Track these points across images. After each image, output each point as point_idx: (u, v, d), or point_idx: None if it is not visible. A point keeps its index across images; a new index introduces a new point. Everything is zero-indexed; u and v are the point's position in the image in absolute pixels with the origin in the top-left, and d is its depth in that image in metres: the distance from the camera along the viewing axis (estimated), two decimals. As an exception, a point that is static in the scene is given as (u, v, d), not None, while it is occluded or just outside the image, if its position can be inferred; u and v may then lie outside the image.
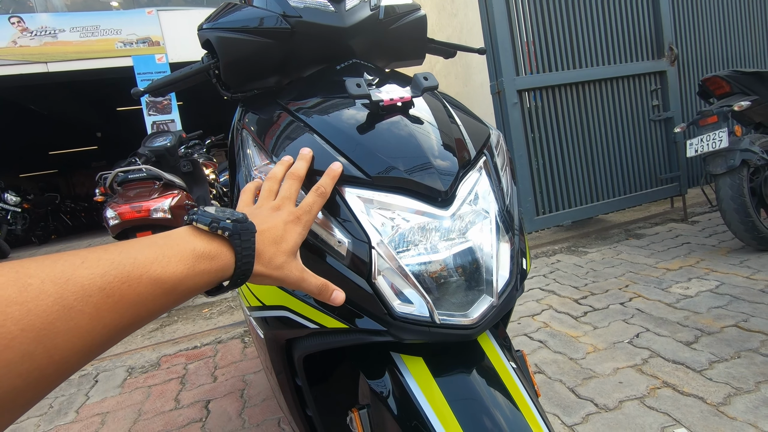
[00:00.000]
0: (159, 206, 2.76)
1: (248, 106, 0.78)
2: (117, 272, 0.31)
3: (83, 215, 12.45)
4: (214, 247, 0.39)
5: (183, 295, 0.36)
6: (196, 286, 0.37)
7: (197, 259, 0.37)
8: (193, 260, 0.37)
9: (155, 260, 0.34)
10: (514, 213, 0.64)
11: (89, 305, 0.28)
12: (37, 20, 7.21)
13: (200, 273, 0.37)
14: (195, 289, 0.37)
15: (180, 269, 0.35)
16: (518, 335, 1.82)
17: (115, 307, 0.30)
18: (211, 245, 0.39)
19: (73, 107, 10.71)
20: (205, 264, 0.38)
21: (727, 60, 3.80)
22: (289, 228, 0.47)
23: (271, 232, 0.46)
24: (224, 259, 0.40)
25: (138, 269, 0.32)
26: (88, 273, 0.30)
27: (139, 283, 0.32)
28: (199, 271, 0.37)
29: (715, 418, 1.17)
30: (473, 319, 0.53)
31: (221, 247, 0.40)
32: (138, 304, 0.32)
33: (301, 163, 0.55)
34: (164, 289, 0.34)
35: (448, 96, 0.77)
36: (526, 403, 0.52)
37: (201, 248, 0.38)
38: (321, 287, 0.48)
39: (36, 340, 0.25)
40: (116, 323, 0.31)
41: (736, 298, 1.84)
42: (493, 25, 2.82)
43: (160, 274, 0.34)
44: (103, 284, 0.30)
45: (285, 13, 0.74)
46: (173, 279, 0.35)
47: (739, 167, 2.22)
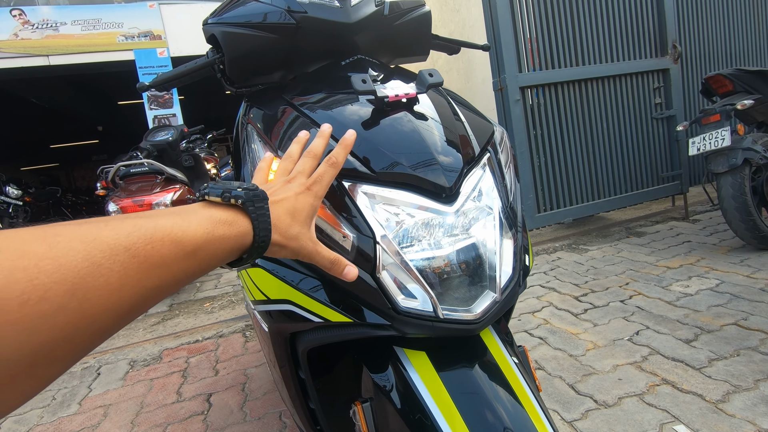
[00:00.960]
0: (161, 200, 2.77)
1: (253, 101, 0.78)
2: (140, 233, 0.31)
3: (84, 209, 12.45)
4: (230, 214, 0.40)
5: (205, 260, 0.37)
6: (217, 251, 0.38)
7: (216, 224, 0.38)
8: (212, 225, 0.37)
9: (175, 224, 0.35)
10: (517, 210, 0.64)
11: (117, 263, 0.29)
12: (38, 13, 7.19)
13: (220, 238, 0.38)
14: (216, 255, 0.38)
15: (200, 232, 0.36)
16: (519, 331, 1.83)
17: (141, 268, 0.31)
18: (227, 213, 0.40)
19: (75, 101, 10.69)
20: (224, 229, 0.38)
21: (730, 58, 3.79)
22: (301, 199, 0.47)
23: (284, 203, 0.46)
24: (242, 225, 0.40)
25: (160, 231, 0.33)
26: (114, 233, 0.30)
27: (162, 245, 0.33)
28: (219, 236, 0.38)
29: (714, 415, 1.18)
30: (476, 314, 0.53)
31: (237, 215, 0.40)
32: (162, 266, 0.32)
33: (319, 140, 0.53)
34: (186, 252, 0.34)
35: (452, 92, 0.77)
36: (527, 397, 0.53)
37: (218, 215, 0.39)
38: (334, 261, 0.48)
39: (69, 293, 0.26)
40: (143, 284, 0.31)
41: (736, 297, 1.85)
42: (497, 22, 2.81)
43: (181, 237, 0.34)
44: (128, 244, 0.30)
45: (290, 8, 0.74)
46: (194, 241, 0.35)
47: (741, 166, 2.22)
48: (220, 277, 3.43)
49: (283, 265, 0.63)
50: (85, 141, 14.21)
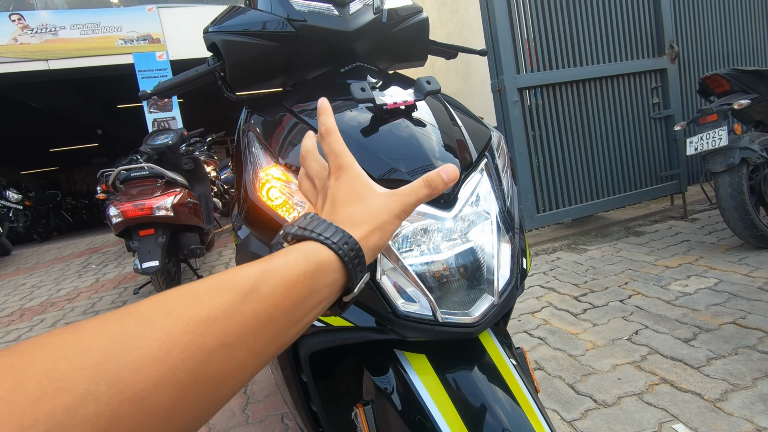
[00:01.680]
0: (161, 204, 2.77)
1: (254, 108, 0.79)
2: (183, 292, 0.29)
3: (84, 212, 12.46)
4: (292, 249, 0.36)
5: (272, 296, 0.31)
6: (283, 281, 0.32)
7: (270, 258, 0.34)
8: (266, 260, 0.34)
9: (225, 274, 0.32)
10: (514, 213, 0.65)
11: (156, 330, 0.26)
12: (37, 17, 7.21)
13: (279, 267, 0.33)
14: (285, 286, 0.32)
15: (253, 271, 0.32)
16: (518, 332, 1.84)
17: (188, 327, 0.27)
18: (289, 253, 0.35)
19: (74, 104, 10.71)
20: (282, 257, 0.34)
21: (728, 57, 3.80)
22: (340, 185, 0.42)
23: (334, 203, 0.41)
24: (305, 246, 0.36)
25: (206, 284, 0.30)
26: (151, 302, 0.28)
27: (212, 296, 0.29)
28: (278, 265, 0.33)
29: (712, 414, 1.19)
30: (475, 317, 0.54)
31: (302, 246, 0.36)
32: (218, 317, 0.28)
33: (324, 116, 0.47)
34: (241, 294, 0.30)
35: (450, 98, 0.78)
36: (526, 399, 0.54)
37: (276, 252, 0.35)
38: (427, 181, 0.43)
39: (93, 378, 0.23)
40: (199, 343, 0.27)
41: (734, 296, 1.86)
42: (494, 23, 2.82)
43: (232, 282, 0.31)
44: (169, 307, 0.27)
45: (289, 16, 0.75)
46: (247, 280, 0.31)
47: (738, 165, 2.23)
48: (220, 279, 3.44)
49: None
50: (84, 144, 14.22)
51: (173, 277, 3.14)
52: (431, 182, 0.43)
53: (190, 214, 3.05)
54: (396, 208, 0.41)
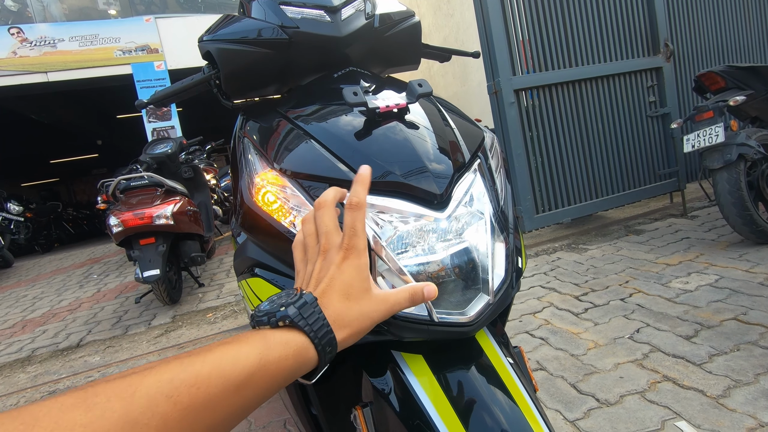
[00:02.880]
0: (161, 213, 2.78)
1: (249, 115, 0.80)
2: (185, 375, 0.30)
3: (85, 223, 12.48)
4: (284, 334, 0.37)
5: (258, 389, 0.34)
6: (274, 376, 0.35)
7: (268, 347, 0.35)
8: (264, 350, 0.35)
9: (224, 355, 0.33)
10: (508, 213, 0.66)
11: (156, 416, 0.27)
12: (36, 30, 7.26)
13: (274, 361, 0.35)
14: (274, 379, 0.35)
15: (251, 361, 0.34)
16: (519, 333, 1.84)
17: (183, 414, 0.28)
18: (282, 333, 0.37)
19: (74, 116, 10.76)
20: (279, 350, 0.36)
21: (723, 54, 3.82)
22: (345, 268, 0.42)
23: (332, 288, 0.41)
24: (299, 341, 0.37)
25: (207, 367, 0.31)
26: (155, 380, 0.29)
27: (209, 384, 0.30)
28: (273, 359, 0.35)
29: (715, 411, 1.19)
30: (470, 317, 0.55)
31: (291, 333, 0.38)
32: (209, 405, 0.30)
33: (360, 188, 0.46)
34: (235, 385, 0.32)
35: (443, 100, 0.79)
36: (522, 397, 0.54)
37: (272, 336, 0.36)
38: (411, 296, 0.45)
39: None
40: (188, 428, 0.29)
41: (735, 292, 1.86)
42: (489, 26, 2.84)
43: (230, 371, 0.32)
44: (170, 390, 0.28)
45: (283, 24, 0.76)
46: (243, 372, 0.33)
47: (736, 161, 2.23)
48: (222, 287, 3.44)
49: (282, 275, 0.64)
50: (84, 155, 14.28)
51: (174, 285, 3.14)
52: (414, 296, 0.45)
53: (190, 222, 3.05)
54: (380, 316, 0.43)
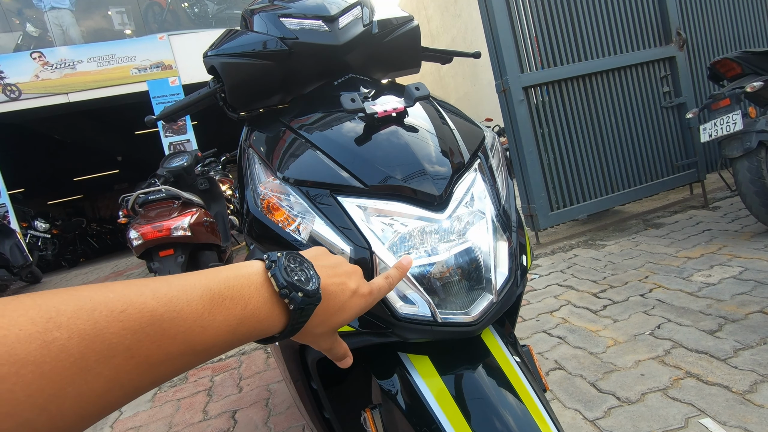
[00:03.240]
0: (179, 225, 2.85)
1: (254, 126, 0.82)
2: (152, 330, 0.28)
3: (109, 237, 12.85)
4: (268, 309, 0.36)
5: (216, 354, 0.34)
6: (230, 347, 0.34)
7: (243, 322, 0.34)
8: (238, 323, 0.34)
9: (199, 317, 0.31)
10: (510, 212, 0.66)
11: (109, 367, 0.25)
12: (56, 54, 7.55)
13: (240, 337, 0.34)
14: (228, 348, 0.34)
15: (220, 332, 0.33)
16: (537, 332, 1.81)
17: (137, 369, 0.27)
18: (267, 306, 0.36)
19: (94, 134, 11.12)
20: (250, 326, 0.35)
21: (737, 41, 3.71)
22: (357, 299, 0.44)
23: (336, 298, 0.42)
24: (274, 323, 0.37)
25: (176, 327, 0.29)
26: (121, 328, 0.27)
27: (171, 343, 0.29)
28: (240, 335, 0.34)
29: (741, 407, 1.15)
30: (474, 316, 0.55)
31: (276, 310, 0.37)
32: (165, 362, 0.29)
33: (395, 272, 0.50)
34: (195, 350, 0.31)
35: (442, 101, 0.79)
36: (530, 397, 0.54)
37: (254, 307, 0.35)
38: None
39: (41, 407, 0.22)
40: (135, 384, 0.28)
41: (760, 283, 1.80)
42: (494, 24, 2.83)
43: (197, 338, 0.31)
44: (131, 344, 0.27)
45: (283, 35, 0.78)
46: (209, 341, 0.32)
47: (756, 149, 2.17)
48: (240, 295, 3.49)
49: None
50: (106, 171, 14.72)
51: (194, 295, 3.20)
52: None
53: (207, 232, 3.12)
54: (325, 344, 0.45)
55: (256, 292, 0.36)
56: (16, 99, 7.35)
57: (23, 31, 7.76)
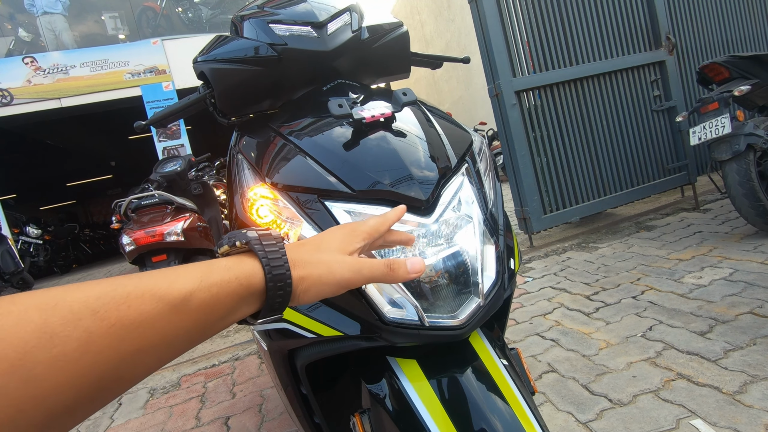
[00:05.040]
0: (172, 230, 2.84)
1: (243, 131, 0.82)
2: (115, 293, 0.28)
3: (102, 243, 12.75)
4: (233, 258, 0.36)
5: (200, 312, 0.32)
6: (213, 299, 0.32)
7: (210, 271, 0.33)
8: (206, 272, 0.33)
9: (162, 277, 0.31)
10: (498, 216, 0.66)
11: (78, 329, 0.25)
12: (49, 59, 7.51)
13: (216, 284, 0.33)
14: (215, 303, 0.33)
15: (189, 281, 0.32)
16: (530, 335, 1.82)
17: (112, 330, 0.26)
18: (230, 259, 0.36)
19: (87, 139, 11.06)
20: (220, 273, 0.33)
21: (726, 45, 3.76)
22: (333, 232, 0.43)
23: (309, 242, 0.41)
24: (246, 266, 0.35)
25: (140, 287, 0.29)
26: (81, 296, 0.26)
27: (141, 302, 0.28)
28: (215, 282, 0.33)
29: (732, 407, 1.16)
30: (461, 320, 0.55)
31: (243, 256, 0.36)
32: (142, 324, 0.28)
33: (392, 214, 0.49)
34: (171, 304, 0.30)
35: (430, 106, 0.80)
36: (516, 400, 0.54)
37: (217, 262, 0.35)
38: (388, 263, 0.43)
39: (8, 372, 0.22)
40: (115, 347, 0.27)
41: (750, 285, 1.81)
42: (486, 28, 2.85)
43: (165, 290, 0.30)
44: (97, 306, 0.26)
45: (272, 41, 0.79)
46: (181, 291, 0.31)
47: (745, 152, 2.20)
48: (234, 300, 3.47)
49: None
50: (99, 177, 14.62)
51: (188, 300, 3.18)
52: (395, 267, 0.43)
53: (201, 237, 3.10)
54: (344, 274, 0.40)
55: (207, 264, 0.35)
56: (8, 104, 7.30)
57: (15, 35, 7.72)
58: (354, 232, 0.44)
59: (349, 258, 0.41)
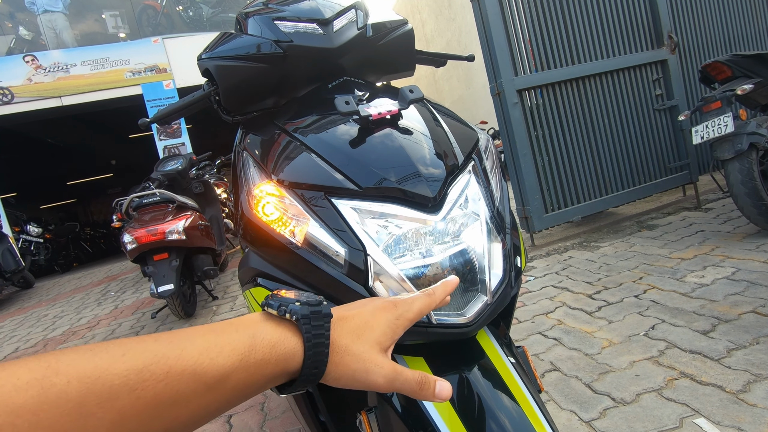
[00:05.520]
0: (173, 228, 2.83)
1: (248, 129, 0.82)
2: (156, 368, 0.27)
3: (102, 242, 12.74)
4: (278, 333, 0.35)
5: (234, 391, 0.32)
6: (250, 379, 0.32)
7: (253, 348, 0.33)
8: (248, 349, 0.32)
9: (205, 350, 0.31)
10: (505, 214, 0.66)
11: (112, 411, 0.25)
12: (49, 57, 7.50)
13: (255, 364, 0.33)
14: (250, 384, 0.33)
15: (231, 360, 0.31)
16: (533, 334, 1.82)
17: (144, 410, 0.26)
18: (276, 331, 0.35)
19: (88, 137, 11.06)
20: (263, 352, 0.33)
21: (728, 44, 3.76)
22: (379, 313, 0.40)
23: (354, 319, 0.39)
24: (289, 346, 0.34)
25: (182, 362, 0.29)
26: (124, 369, 0.26)
27: (180, 380, 0.28)
28: (255, 362, 0.32)
29: (735, 406, 1.16)
30: (469, 317, 0.55)
31: (287, 332, 0.35)
32: (176, 403, 0.28)
33: (440, 288, 0.48)
34: (207, 384, 0.30)
35: (436, 104, 0.79)
36: (525, 398, 0.54)
37: (262, 335, 0.34)
38: (420, 381, 0.40)
39: None
40: (145, 425, 0.26)
41: (753, 284, 1.81)
42: (488, 27, 2.85)
43: (205, 368, 0.30)
44: (136, 383, 0.26)
45: (277, 38, 0.78)
46: (220, 371, 0.30)
47: (747, 151, 2.19)
48: (235, 299, 3.48)
49: (284, 284, 0.65)
50: (99, 176, 14.62)
51: (189, 299, 3.18)
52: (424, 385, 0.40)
53: (202, 236, 3.10)
54: (378, 377, 0.38)
55: (261, 323, 0.35)
56: (9, 102, 7.29)
57: (16, 34, 7.71)
58: (399, 319, 0.42)
59: (387, 363, 0.39)
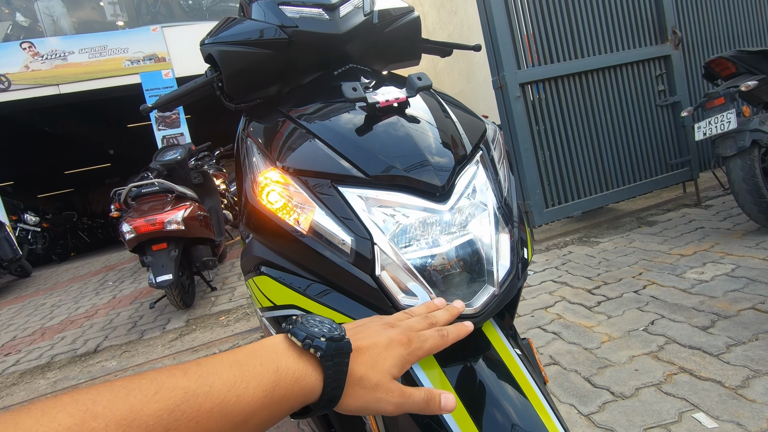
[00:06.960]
0: (172, 218, 2.82)
1: (252, 116, 0.81)
2: (188, 406, 0.29)
3: (100, 231, 12.70)
4: (301, 367, 0.36)
5: (257, 428, 0.33)
6: (272, 415, 0.34)
7: (277, 384, 0.34)
8: (273, 386, 0.34)
9: (232, 386, 0.32)
10: (512, 204, 0.65)
11: None
12: (47, 44, 7.41)
13: (279, 400, 0.34)
14: (272, 418, 0.34)
15: (256, 398, 0.33)
16: (532, 328, 1.82)
17: None
18: (299, 364, 0.36)
19: (86, 127, 10.96)
20: (286, 388, 0.35)
21: (733, 40, 3.74)
22: (393, 347, 0.42)
23: (370, 351, 0.40)
24: (310, 381, 0.36)
25: (211, 400, 0.30)
26: (157, 409, 0.28)
27: (208, 418, 0.30)
28: (278, 398, 0.34)
29: (734, 402, 1.16)
30: (476, 308, 0.54)
31: (309, 367, 0.37)
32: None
33: (444, 313, 0.50)
34: (234, 423, 0.31)
35: (443, 93, 0.78)
36: (532, 389, 0.54)
37: (286, 367, 0.35)
38: (426, 398, 0.41)
39: None
40: None
41: (752, 281, 1.82)
42: (492, 20, 2.82)
43: (232, 406, 0.31)
44: (168, 423, 0.28)
45: (282, 23, 0.77)
46: (246, 410, 0.32)
47: (749, 148, 2.19)
48: (234, 290, 3.47)
49: (288, 272, 0.64)
50: (97, 165, 14.53)
51: (187, 289, 3.18)
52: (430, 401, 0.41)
53: (201, 226, 3.09)
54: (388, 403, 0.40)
55: (284, 354, 0.37)
56: (6, 90, 7.22)
57: (13, 20, 7.61)
58: (411, 355, 0.43)
59: (397, 390, 0.40)
